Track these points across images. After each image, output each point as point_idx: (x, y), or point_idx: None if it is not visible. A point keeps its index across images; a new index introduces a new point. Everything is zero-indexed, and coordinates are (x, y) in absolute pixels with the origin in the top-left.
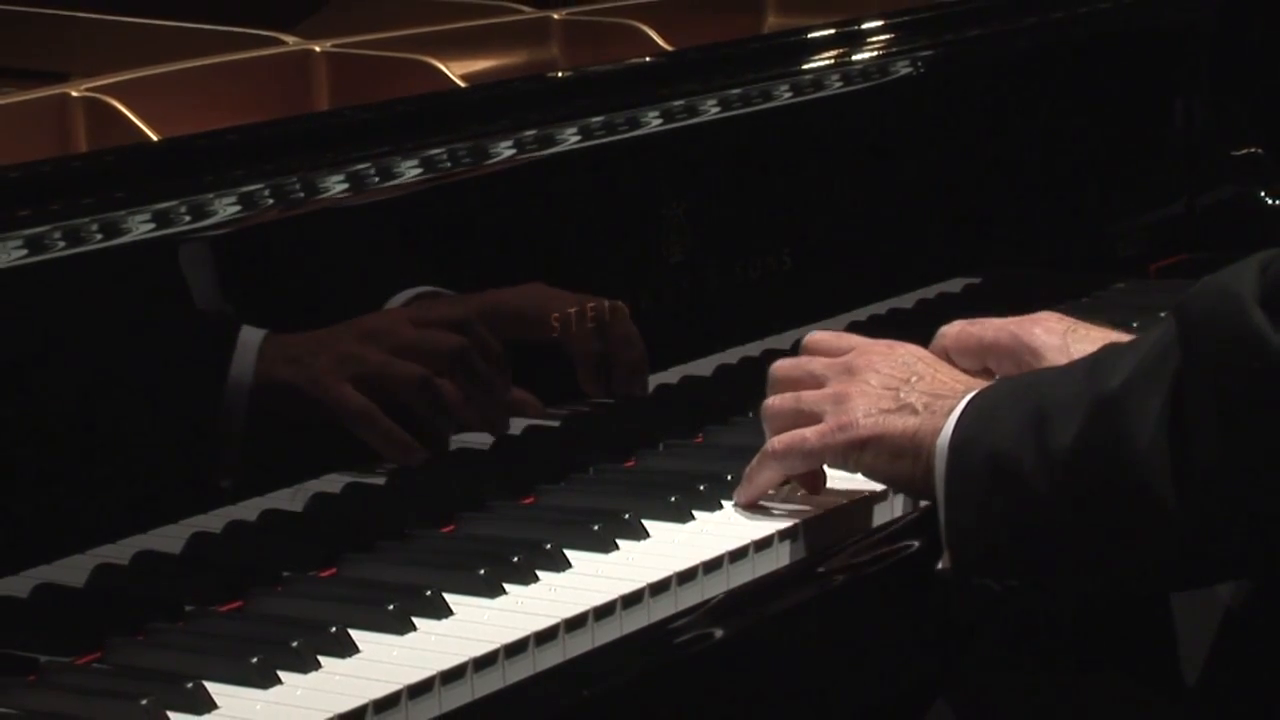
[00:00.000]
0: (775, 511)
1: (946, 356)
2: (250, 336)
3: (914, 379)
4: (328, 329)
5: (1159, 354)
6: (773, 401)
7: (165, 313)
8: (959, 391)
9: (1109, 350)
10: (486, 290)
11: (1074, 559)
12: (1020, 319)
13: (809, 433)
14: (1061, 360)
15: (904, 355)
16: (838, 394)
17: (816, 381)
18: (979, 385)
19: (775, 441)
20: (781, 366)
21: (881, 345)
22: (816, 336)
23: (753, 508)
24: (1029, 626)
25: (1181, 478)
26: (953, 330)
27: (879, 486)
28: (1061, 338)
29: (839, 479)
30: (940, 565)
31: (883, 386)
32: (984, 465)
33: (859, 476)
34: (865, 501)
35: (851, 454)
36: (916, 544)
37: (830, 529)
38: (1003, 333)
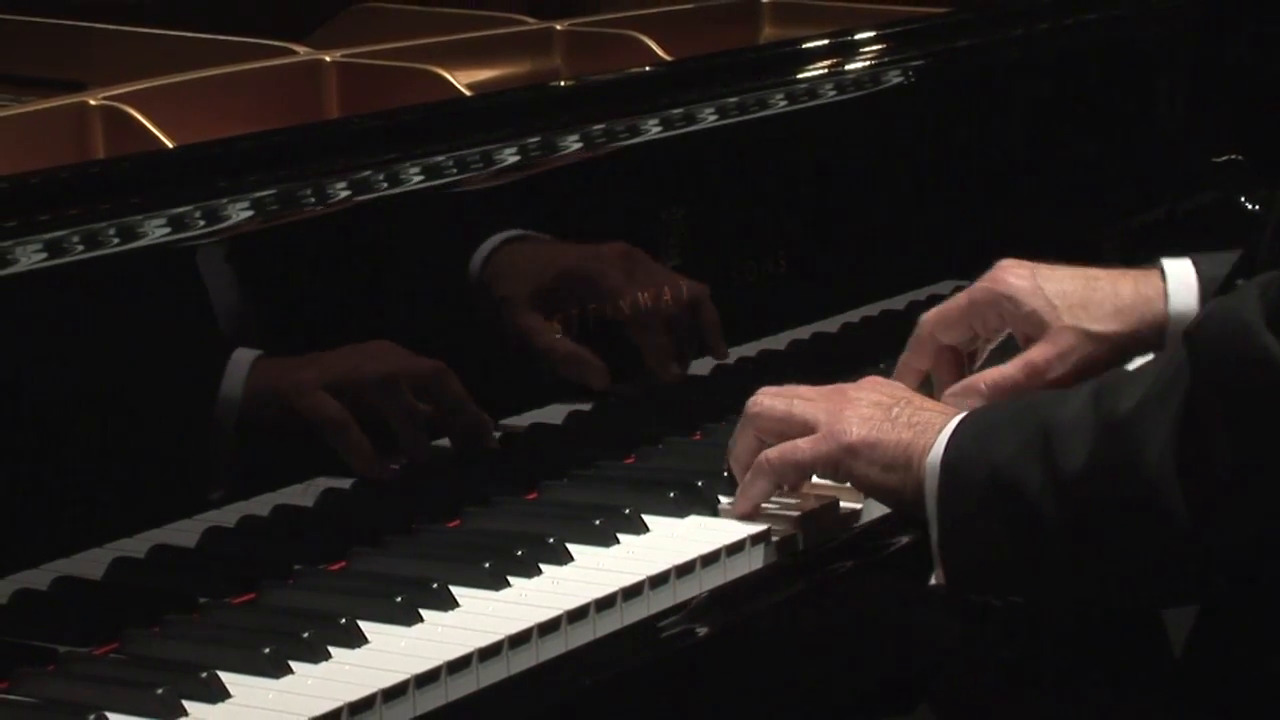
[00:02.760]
0: (770, 508)
1: (931, 339)
2: (242, 357)
3: (902, 403)
4: (318, 354)
5: (1169, 378)
6: (763, 400)
7: (181, 313)
8: (948, 415)
9: (1112, 376)
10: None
11: (1084, 576)
12: (987, 274)
13: (802, 443)
14: (1038, 301)
15: (889, 388)
16: (830, 406)
17: (804, 420)
18: (963, 414)
19: (770, 454)
20: (763, 404)
21: (865, 380)
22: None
23: None
24: (1014, 625)
25: (1196, 498)
26: (930, 312)
27: None
28: (1030, 279)
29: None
30: (933, 581)
31: (873, 403)
32: (984, 484)
33: None
34: (859, 498)
35: (844, 461)
36: (907, 539)
37: (824, 525)
38: (976, 291)
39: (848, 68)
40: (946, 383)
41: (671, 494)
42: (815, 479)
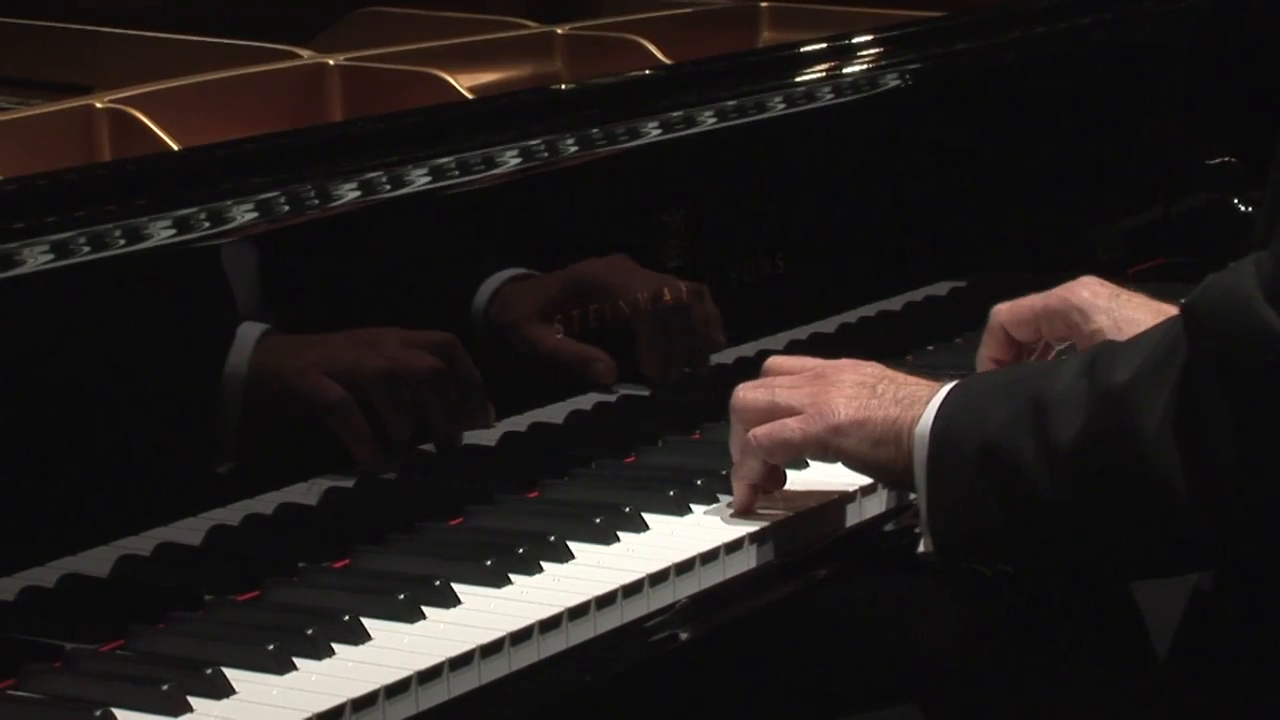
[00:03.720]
0: (768, 506)
1: (1003, 332)
2: (249, 331)
3: (885, 382)
4: (326, 336)
5: (1165, 351)
6: (745, 394)
7: (186, 315)
8: (933, 388)
9: (1105, 347)
10: (570, 266)
11: (1076, 546)
12: (1066, 284)
13: (791, 422)
14: (1105, 320)
15: (870, 368)
16: (814, 390)
17: (789, 407)
18: (951, 384)
19: (759, 432)
20: (746, 397)
21: (846, 361)
22: (777, 359)
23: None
24: (997, 620)
25: (1194, 469)
26: (1004, 307)
27: (867, 481)
28: (1107, 300)
29: (825, 479)
30: (921, 549)
31: (857, 383)
32: (974, 454)
33: (844, 476)
34: (854, 495)
35: (834, 440)
36: (902, 536)
37: (821, 523)
38: (1052, 297)
39: (845, 71)
40: None
41: (671, 492)
42: (812, 478)
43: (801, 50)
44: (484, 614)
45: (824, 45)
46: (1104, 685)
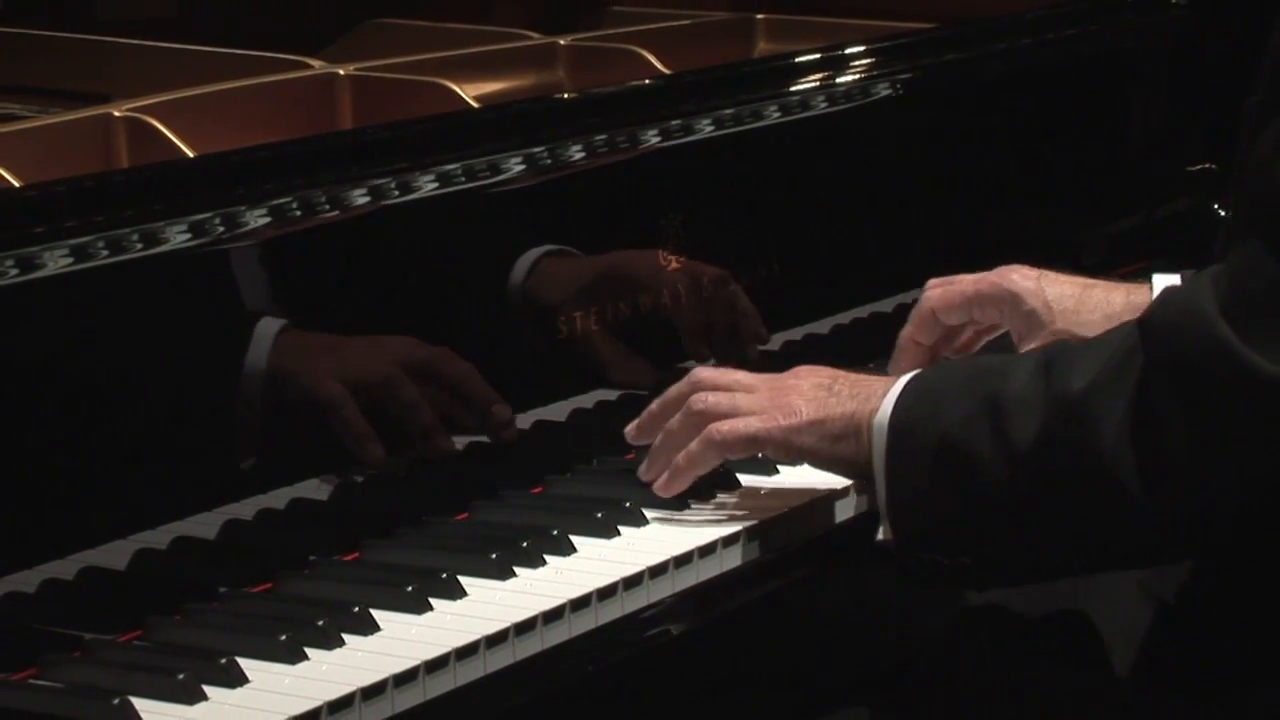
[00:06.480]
0: (764, 502)
1: (932, 315)
2: (267, 328)
3: (840, 380)
4: (338, 338)
5: (1121, 359)
6: (707, 398)
7: (200, 316)
8: (889, 382)
9: (1061, 349)
10: (607, 253)
11: (1032, 543)
12: (995, 270)
13: (753, 419)
14: (1037, 303)
15: (823, 371)
16: (772, 394)
17: (750, 411)
18: (907, 377)
19: (721, 426)
20: (709, 400)
21: (799, 369)
22: (702, 371)
23: (743, 500)
24: (973, 619)
25: (1149, 475)
26: (935, 292)
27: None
28: (1035, 282)
29: (822, 475)
30: (880, 537)
31: (814, 385)
32: (933, 448)
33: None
34: (847, 491)
35: (794, 439)
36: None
37: (811, 520)
38: (983, 283)
39: (838, 80)
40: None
41: None
42: (809, 475)
43: (796, 60)
44: (489, 606)
45: (818, 56)
46: (1075, 687)
